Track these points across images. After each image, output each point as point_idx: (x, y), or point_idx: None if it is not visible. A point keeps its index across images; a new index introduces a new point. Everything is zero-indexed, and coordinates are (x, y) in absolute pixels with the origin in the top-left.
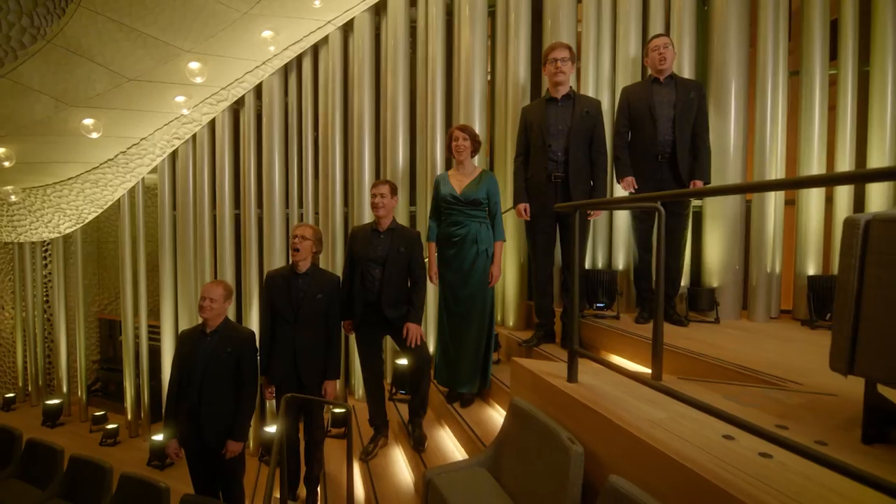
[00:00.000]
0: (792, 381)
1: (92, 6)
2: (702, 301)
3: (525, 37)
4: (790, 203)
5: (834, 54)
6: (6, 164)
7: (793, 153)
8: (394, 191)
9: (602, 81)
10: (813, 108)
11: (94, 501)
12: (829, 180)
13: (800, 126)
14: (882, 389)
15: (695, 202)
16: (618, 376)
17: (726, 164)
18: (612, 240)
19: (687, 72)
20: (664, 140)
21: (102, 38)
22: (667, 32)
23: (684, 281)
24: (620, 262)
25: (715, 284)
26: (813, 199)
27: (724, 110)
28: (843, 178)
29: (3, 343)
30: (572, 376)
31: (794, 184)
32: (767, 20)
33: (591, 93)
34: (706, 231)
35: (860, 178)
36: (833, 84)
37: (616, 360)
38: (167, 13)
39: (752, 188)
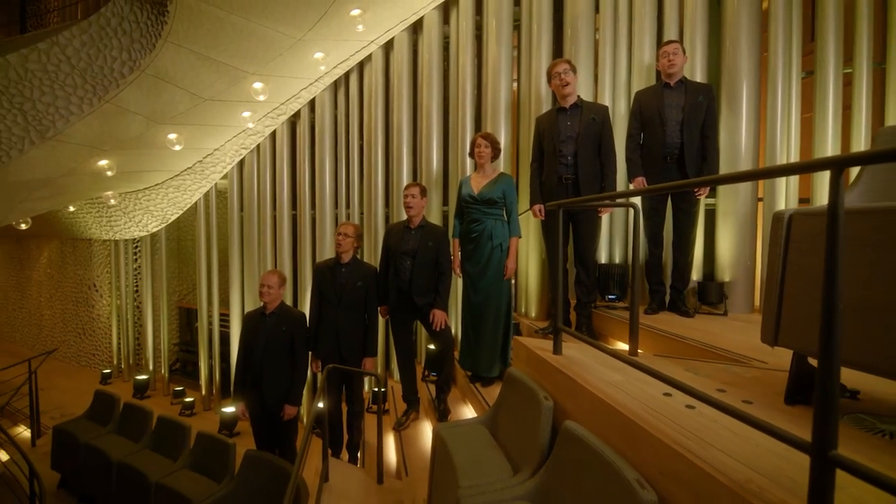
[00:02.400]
0: (759, 360)
1: (176, 41)
2: (711, 294)
3: (547, 47)
4: (805, 201)
5: (849, 54)
6: (109, 173)
7: (807, 154)
8: (423, 192)
9: (619, 86)
10: (827, 107)
11: (177, 452)
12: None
13: (814, 126)
14: (813, 361)
15: (708, 200)
16: (598, 352)
17: (737, 165)
18: (627, 235)
19: (699, 74)
20: (672, 142)
21: (184, 67)
22: (680, 38)
23: (697, 275)
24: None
25: (726, 279)
26: (826, 197)
27: (735, 111)
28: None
29: (101, 326)
30: (557, 349)
31: (756, 175)
32: (779, 21)
33: (607, 97)
34: (719, 228)
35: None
36: (848, 83)
37: (621, 345)
38: (236, 43)
39: (725, 180)
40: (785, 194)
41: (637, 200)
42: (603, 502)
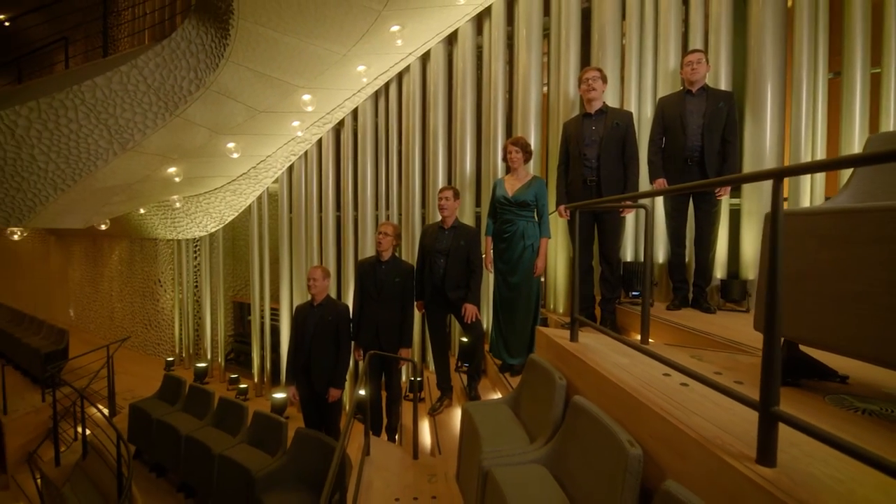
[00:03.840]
0: (759, 348)
1: (236, 60)
2: (734, 291)
3: (575, 54)
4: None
5: (877, 54)
6: (176, 179)
7: (834, 155)
8: (456, 195)
9: (645, 92)
10: (854, 108)
11: (236, 429)
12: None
13: (841, 128)
14: (804, 349)
15: (732, 200)
16: (610, 340)
17: (762, 166)
18: (655, 234)
19: (724, 77)
20: (693, 146)
21: (242, 83)
22: (705, 43)
23: (721, 273)
24: (661, 256)
25: (750, 277)
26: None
27: (760, 113)
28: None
29: (165, 318)
30: (573, 337)
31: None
32: (804, 23)
33: (633, 103)
34: (743, 227)
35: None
36: (876, 84)
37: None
38: (287, 60)
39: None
40: (810, 193)
41: (649, 202)
42: (601, 459)
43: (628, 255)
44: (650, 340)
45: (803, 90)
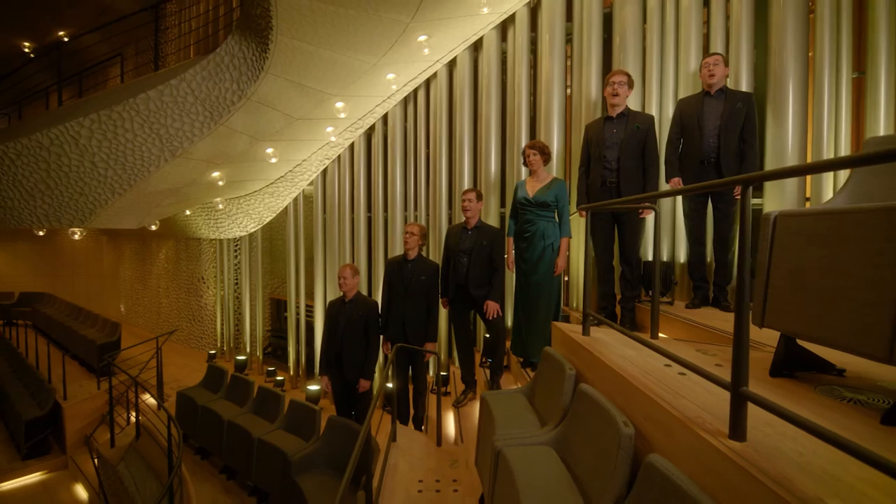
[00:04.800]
0: (771, 346)
1: (275, 72)
2: (753, 290)
3: (597, 58)
4: None
5: None
6: (220, 183)
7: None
8: (479, 197)
9: (666, 93)
10: (879, 107)
11: (273, 416)
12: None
13: (865, 126)
14: (802, 343)
15: (755, 200)
16: (620, 334)
17: (784, 165)
18: (674, 235)
19: (745, 79)
20: (709, 146)
21: (280, 93)
22: (727, 45)
23: None
24: (682, 255)
25: None
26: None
27: (781, 113)
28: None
29: (207, 314)
30: (585, 331)
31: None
32: (825, 23)
33: (654, 104)
34: None
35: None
36: None
37: (664, 337)
38: (322, 70)
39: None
40: (833, 193)
41: (663, 201)
42: (599, 438)
43: (649, 254)
44: (662, 336)
45: (825, 90)
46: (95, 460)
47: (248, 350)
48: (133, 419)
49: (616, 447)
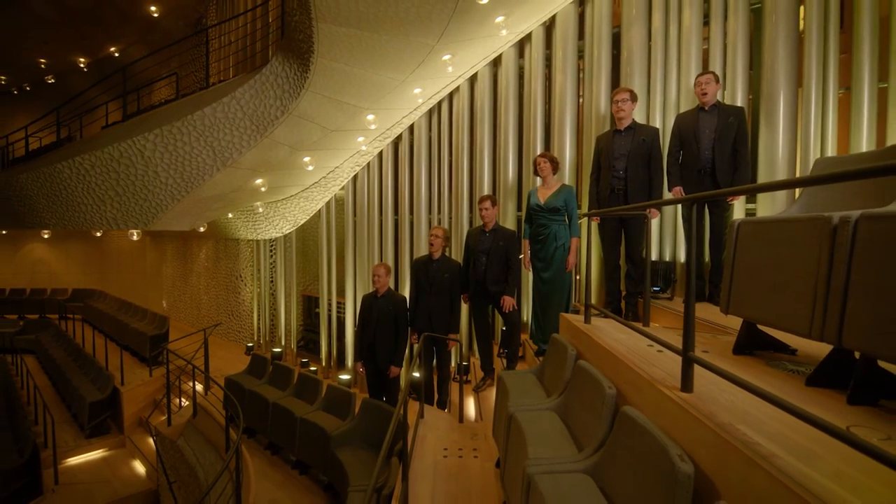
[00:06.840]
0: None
1: (314, 89)
2: None
3: (606, 73)
4: None
5: (885, 70)
6: (262, 189)
7: None
8: (493, 202)
9: (669, 107)
10: (862, 121)
11: (313, 398)
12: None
13: (850, 140)
14: (761, 327)
15: (748, 205)
16: (618, 323)
17: (774, 175)
18: (676, 236)
19: (740, 92)
20: (705, 157)
21: (318, 108)
22: (723, 62)
23: None
24: (682, 256)
25: None
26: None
27: (773, 126)
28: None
29: (245, 310)
30: (587, 320)
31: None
32: (812, 41)
33: (657, 117)
34: None
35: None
36: (883, 98)
37: (655, 325)
38: (356, 87)
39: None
40: None
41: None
42: (589, 399)
43: (654, 254)
44: (655, 325)
45: (812, 104)
46: (155, 437)
47: (282, 343)
48: (185, 403)
49: (601, 405)
